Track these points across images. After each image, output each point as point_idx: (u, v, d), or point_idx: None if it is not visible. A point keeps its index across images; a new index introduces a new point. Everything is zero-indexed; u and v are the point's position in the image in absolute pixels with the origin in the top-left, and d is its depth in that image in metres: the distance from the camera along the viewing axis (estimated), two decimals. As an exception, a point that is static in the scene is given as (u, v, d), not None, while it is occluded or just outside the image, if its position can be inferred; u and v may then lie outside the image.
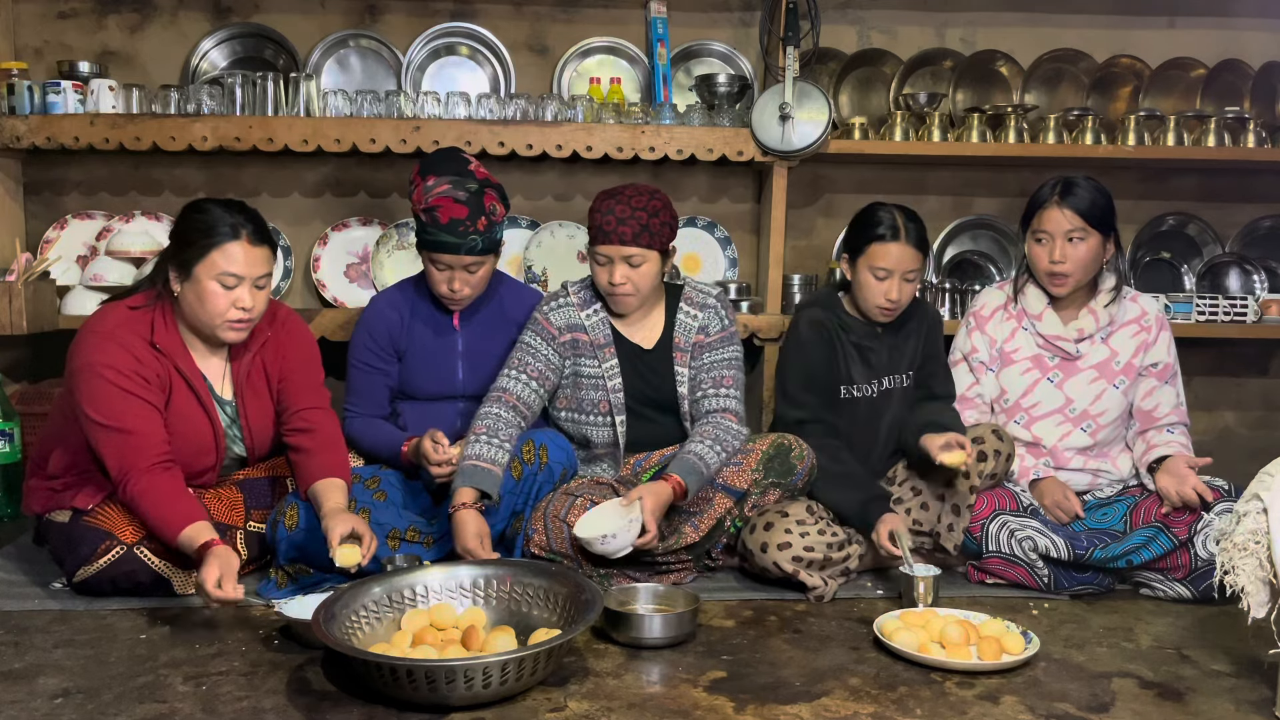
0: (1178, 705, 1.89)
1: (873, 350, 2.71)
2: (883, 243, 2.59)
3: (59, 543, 2.39)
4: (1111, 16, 3.62)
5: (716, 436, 2.47)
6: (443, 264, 2.57)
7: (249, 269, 2.31)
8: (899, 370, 2.72)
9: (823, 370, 2.68)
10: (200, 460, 2.43)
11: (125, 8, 3.45)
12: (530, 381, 2.55)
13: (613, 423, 2.60)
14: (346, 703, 1.83)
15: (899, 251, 2.59)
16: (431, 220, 2.51)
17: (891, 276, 2.60)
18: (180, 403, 2.38)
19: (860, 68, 3.59)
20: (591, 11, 3.54)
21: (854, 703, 1.86)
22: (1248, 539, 1.85)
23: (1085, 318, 2.67)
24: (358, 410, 2.69)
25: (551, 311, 2.62)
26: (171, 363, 2.36)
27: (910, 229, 2.61)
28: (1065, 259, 2.57)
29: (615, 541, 2.26)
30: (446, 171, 2.55)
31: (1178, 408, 2.66)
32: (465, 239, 2.52)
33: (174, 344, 2.37)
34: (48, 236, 3.39)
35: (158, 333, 2.35)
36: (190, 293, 2.32)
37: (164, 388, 2.35)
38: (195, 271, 2.30)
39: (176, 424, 2.36)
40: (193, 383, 2.39)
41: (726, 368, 2.59)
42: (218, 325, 2.33)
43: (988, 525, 2.49)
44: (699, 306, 2.64)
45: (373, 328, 2.69)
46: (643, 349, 2.63)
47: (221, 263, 2.29)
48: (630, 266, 2.51)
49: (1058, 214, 2.58)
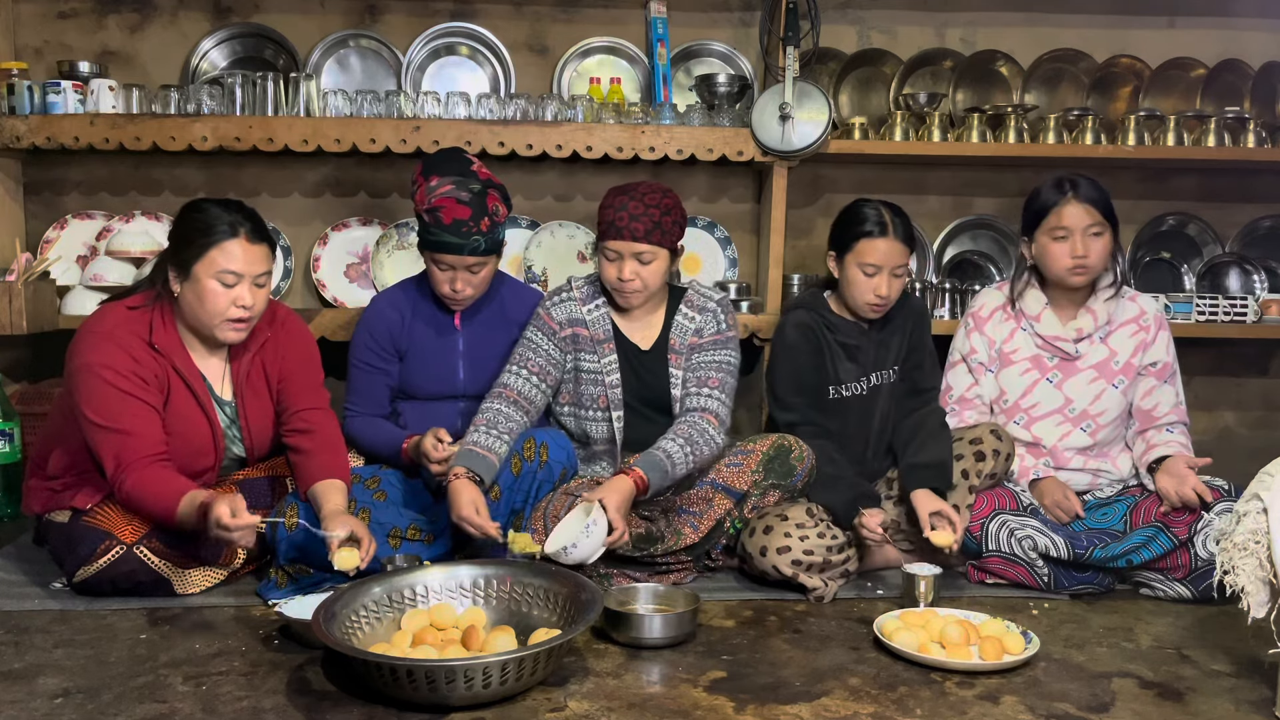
0: (1178, 705, 1.89)
1: (859, 348, 2.72)
2: (870, 239, 2.61)
3: (59, 543, 2.39)
4: (1111, 16, 3.62)
5: (689, 436, 2.46)
6: (445, 264, 2.57)
7: (248, 267, 2.32)
8: (886, 366, 2.73)
9: (810, 373, 2.69)
10: (199, 461, 2.43)
11: (125, 8, 3.45)
12: (531, 377, 2.56)
13: (610, 418, 2.60)
14: (346, 703, 1.83)
15: (887, 247, 2.61)
16: (434, 221, 2.52)
17: (880, 272, 2.62)
18: (179, 403, 2.38)
19: (860, 68, 3.59)
20: (591, 11, 3.53)
21: (854, 703, 1.86)
22: (1248, 539, 1.85)
23: (1084, 317, 2.67)
24: (358, 410, 2.70)
25: (554, 307, 2.62)
26: (170, 363, 2.36)
27: (897, 224, 2.63)
28: (1088, 252, 2.58)
29: (578, 551, 2.22)
30: (449, 172, 2.55)
31: (1177, 407, 2.66)
32: (468, 240, 2.52)
33: (172, 344, 2.37)
34: (48, 236, 3.39)
35: (156, 333, 2.36)
36: (190, 292, 2.33)
37: (162, 389, 2.35)
38: (194, 270, 2.30)
39: (175, 425, 2.36)
40: (191, 383, 2.39)
41: (715, 369, 2.58)
42: (218, 324, 2.34)
43: (987, 525, 2.50)
44: (698, 310, 2.64)
45: (373, 327, 2.69)
46: (640, 349, 2.64)
47: (220, 261, 2.29)
48: (640, 263, 2.52)
49: (1078, 209, 2.59)
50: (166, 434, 2.32)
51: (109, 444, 2.26)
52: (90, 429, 2.28)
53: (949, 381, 2.77)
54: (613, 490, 2.31)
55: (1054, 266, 2.64)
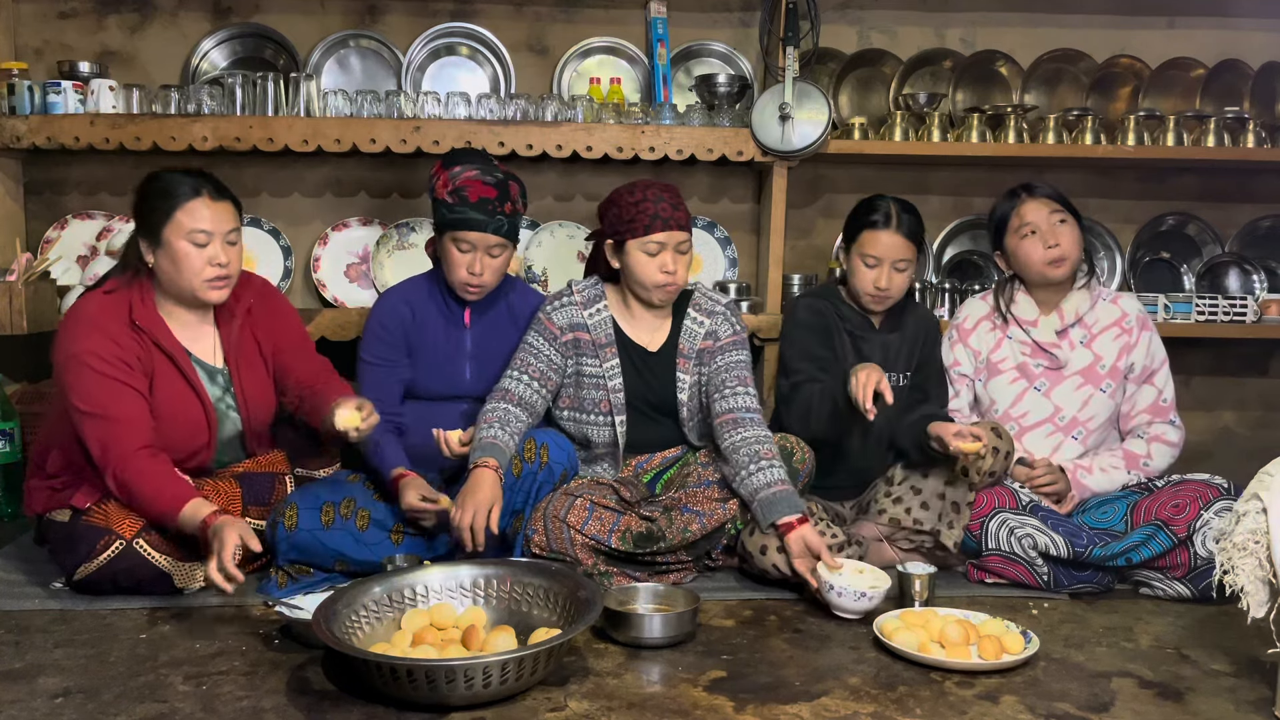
0: (1177, 705, 1.89)
1: (866, 342, 2.73)
2: (874, 230, 2.65)
3: (59, 542, 2.40)
4: (1111, 16, 3.62)
5: (773, 453, 2.44)
6: (467, 244, 2.54)
7: (216, 224, 2.36)
8: (893, 369, 2.72)
9: (820, 347, 2.70)
10: (194, 438, 2.44)
11: (125, 8, 3.45)
12: (532, 382, 2.55)
13: (613, 423, 2.60)
14: (346, 702, 1.83)
15: (888, 239, 2.63)
16: (459, 200, 2.51)
17: (881, 264, 2.64)
18: (165, 380, 2.40)
19: (860, 68, 3.59)
20: (591, 11, 3.54)
21: (854, 702, 1.86)
22: (1247, 538, 1.85)
23: (1068, 311, 2.72)
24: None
25: (554, 311, 2.62)
26: (151, 339, 2.39)
27: (904, 219, 2.65)
28: (1059, 240, 2.64)
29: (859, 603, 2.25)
30: (472, 161, 2.58)
31: (1155, 404, 2.70)
32: (494, 218, 2.52)
33: (153, 320, 2.41)
34: (48, 236, 3.39)
35: (136, 311, 2.39)
36: (165, 261, 2.36)
37: (147, 371, 2.38)
38: (164, 236, 2.34)
39: (165, 403, 2.39)
40: (175, 357, 2.42)
41: (740, 368, 2.59)
42: (198, 286, 2.37)
43: (987, 523, 2.50)
44: (707, 313, 2.64)
45: (386, 320, 2.66)
46: (647, 351, 2.63)
47: (187, 221, 2.34)
48: (679, 253, 2.54)
49: (1036, 204, 2.68)
50: (158, 415, 2.35)
51: (96, 431, 2.28)
52: (78, 418, 2.30)
53: None
54: (799, 539, 2.31)
55: (1031, 264, 2.68)
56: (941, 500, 2.54)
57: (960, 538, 2.49)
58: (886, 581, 2.28)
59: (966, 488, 2.51)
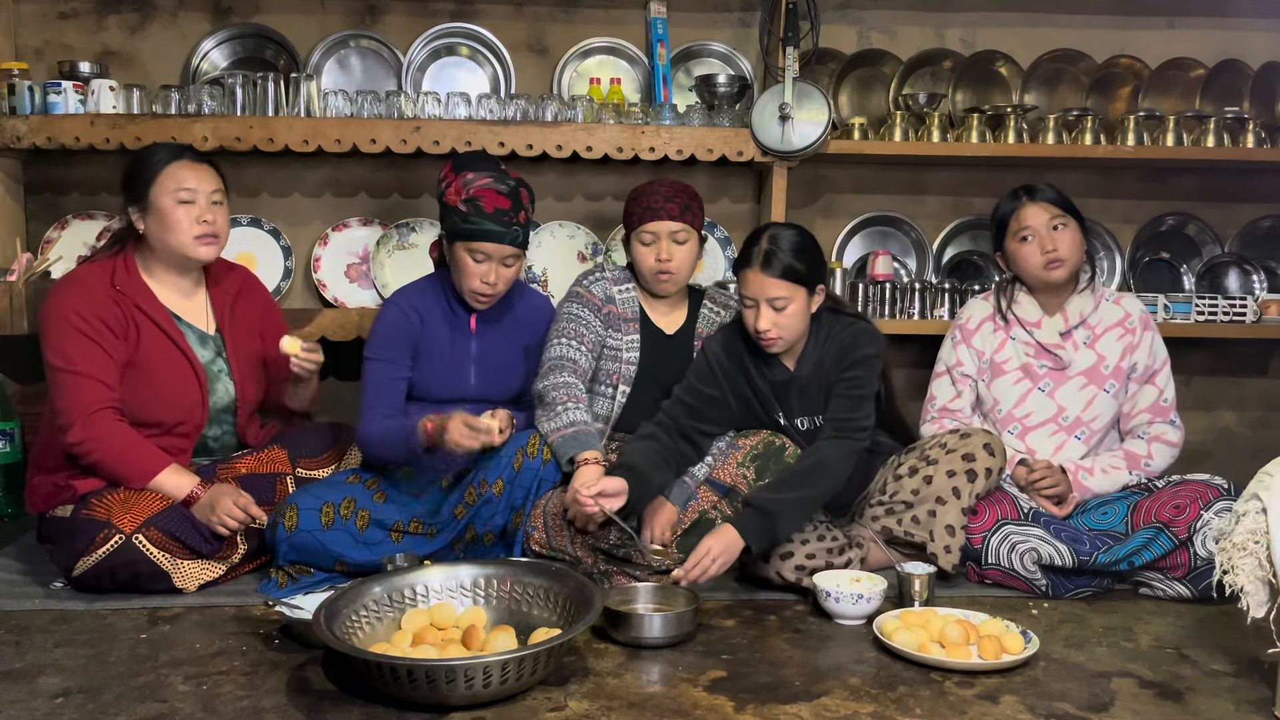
0: (1177, 705, 1.89)
1: (780, 386, 2.60)
2: (745, 268, 2.47)
3: (59, 537, 2.40)
4: (1111, 17, 3.62)
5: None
6: (481, 255, 2.53)
7: (199, 183, 2.49)
8: (815, 412, 2.60)
9: (708, 385, 2.59)
10: (186, 396, 2.50)
11: (125, 8, 3.45)
12: (581, 347, 2.63)
13: (615, 395, 2.65)
14: (347, 702, 1.84)
15: (756, 279, 2.44)
16: (474, 210, 2.50)
17: (758, 305, 2.45)
18: (152, 344, 2.48)
19: (860, 68, 3.59)
20: (591, 12, 3.54)
21: (854, 702, 1.86)
22: (1247, 539, 1.85)
23: (1072, 313, 2.71)
24: (374, 411, 2.57)
25: (593, 284, 2.72)
26: (133, 302, 2.47)
27: (775, 256, 2.42)
28: (1057, 245, 2.63)
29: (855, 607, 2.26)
30: (484, 167, 2.59)
31: (1156, 404, 2.69)
32: (510, 229, 2.53)
33: (135, 284, 2.50)
34: (48, 236, 3.39)
35: (117, 275, 2.50)
36: (154, 224, 2.48)
37: (128, 337, 2.45)
38: (151, 197, 2.46)
39: (154, 370, 2.46)
40: (156, 318, 2.49)
41: None
42: (188, 244, 2.48)
43: (989, 538, 2.48)
44: (723, 306, 2.80)
45: (394, 321, 2.62)
46: (665, 333, 2.74)
47: (170, 182, 2.46)
48: (675, 244, 2.63)
49: (1036, 208, 2.67)
50: (148, 379, 2.44)
51: (63, 387, 2.38)
52: (51, 375, 2.40)
53: (933, 391, 2.80)
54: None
55: (1029, 268, 2.68)
56: (933, 518, 2.47)
57: (957, 559, 2.47)
58: (883, 584, 2.28)
59: (959, 511, 2.46)
